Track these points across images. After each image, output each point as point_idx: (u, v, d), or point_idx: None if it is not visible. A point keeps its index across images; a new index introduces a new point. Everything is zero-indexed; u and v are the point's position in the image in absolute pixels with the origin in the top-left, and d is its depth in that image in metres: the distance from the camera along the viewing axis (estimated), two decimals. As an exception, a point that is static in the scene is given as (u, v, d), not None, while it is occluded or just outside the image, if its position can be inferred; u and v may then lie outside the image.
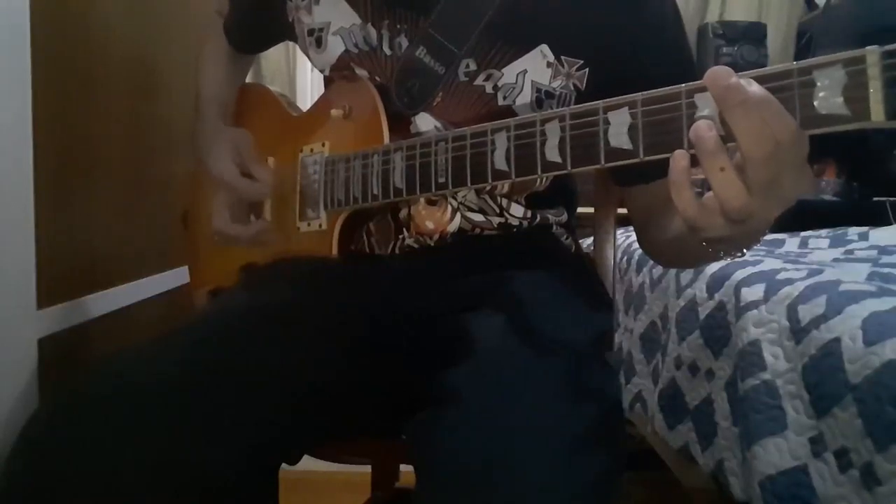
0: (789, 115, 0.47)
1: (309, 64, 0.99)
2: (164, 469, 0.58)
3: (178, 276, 1.25)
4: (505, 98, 0.80)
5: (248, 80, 1.12)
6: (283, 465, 0.73)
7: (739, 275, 1.15)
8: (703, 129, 0.49)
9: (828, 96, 0.47)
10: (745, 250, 0.61)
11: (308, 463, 0.82)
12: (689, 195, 0.51)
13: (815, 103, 0.47)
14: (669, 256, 0.85)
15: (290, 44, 0.97)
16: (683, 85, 0.52)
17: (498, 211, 0.84)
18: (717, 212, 0.50)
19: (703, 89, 0.51)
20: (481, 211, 0.84)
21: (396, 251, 0.86)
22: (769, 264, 1.18)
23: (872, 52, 0.45)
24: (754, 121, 0.47)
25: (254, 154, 0.90)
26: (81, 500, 0.57)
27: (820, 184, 2.66)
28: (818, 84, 0.47)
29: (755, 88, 0.47)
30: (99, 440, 0.59)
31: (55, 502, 0.57)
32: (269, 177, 0.88)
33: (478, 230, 0.84)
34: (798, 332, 0.94)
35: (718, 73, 0.48)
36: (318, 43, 0.85)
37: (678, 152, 0.51)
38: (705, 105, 0.51)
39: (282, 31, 0.91)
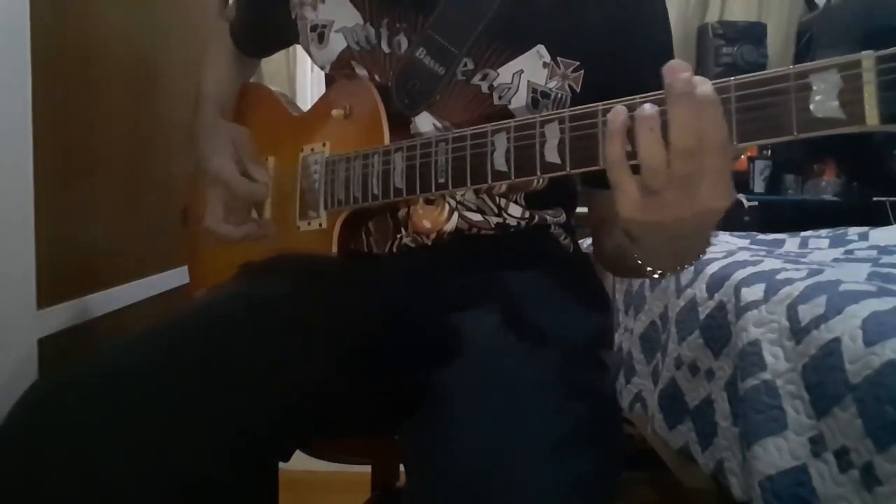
0: (725, 124, 0.51)
1: (309, 64, 0.99)
2: (153, 459, 0.57)
3: (178, 276, 1.25)
4: (500, 98, 0.80)
5: (247, 80, 1.12)
6: (283, 465, 0.73)
7: (739, 275, 1.15)
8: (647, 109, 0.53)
9: (824, 100, 0.47)
10: (668, 271, 0.70)
11: (308, 463, 0.82)
12: (619, 147, 0.54)
13: (812, 106, 0.48)
14: (609, 263, 0.89)
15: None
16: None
17: (496, 211, 0.84)
18: (634, 180, 0.55)
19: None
20: (479, 211, 0.84)
21: (394, 250, 0.85)
22: (769, 264, 1.18)
23: (868, 57, 0.45)
24: (690, 114, 0.51)
25: (252, 153, 0.90)
26: (69, 491, 0.55)
27: (820, 184, 2.66)
28: (814, 88, 0.47)
29: (707, 88, 0.51)
30: (88, 432, 0.58)
31: (42, 490, 0.55)
32: (267, 178, 0.88)
33: (475, 230, 0.84)
34: (798, 332, 0.94)
35: (675, 66, 0.52)
36: (321, 39, 0.86)
37: (618, 107, 0.55)
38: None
39: (287, 31, 0.91)
